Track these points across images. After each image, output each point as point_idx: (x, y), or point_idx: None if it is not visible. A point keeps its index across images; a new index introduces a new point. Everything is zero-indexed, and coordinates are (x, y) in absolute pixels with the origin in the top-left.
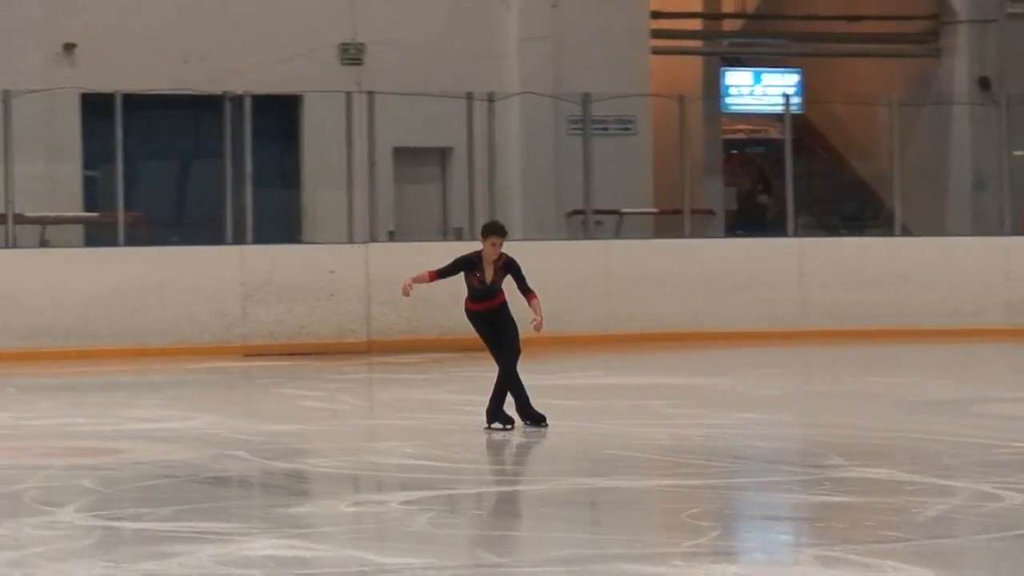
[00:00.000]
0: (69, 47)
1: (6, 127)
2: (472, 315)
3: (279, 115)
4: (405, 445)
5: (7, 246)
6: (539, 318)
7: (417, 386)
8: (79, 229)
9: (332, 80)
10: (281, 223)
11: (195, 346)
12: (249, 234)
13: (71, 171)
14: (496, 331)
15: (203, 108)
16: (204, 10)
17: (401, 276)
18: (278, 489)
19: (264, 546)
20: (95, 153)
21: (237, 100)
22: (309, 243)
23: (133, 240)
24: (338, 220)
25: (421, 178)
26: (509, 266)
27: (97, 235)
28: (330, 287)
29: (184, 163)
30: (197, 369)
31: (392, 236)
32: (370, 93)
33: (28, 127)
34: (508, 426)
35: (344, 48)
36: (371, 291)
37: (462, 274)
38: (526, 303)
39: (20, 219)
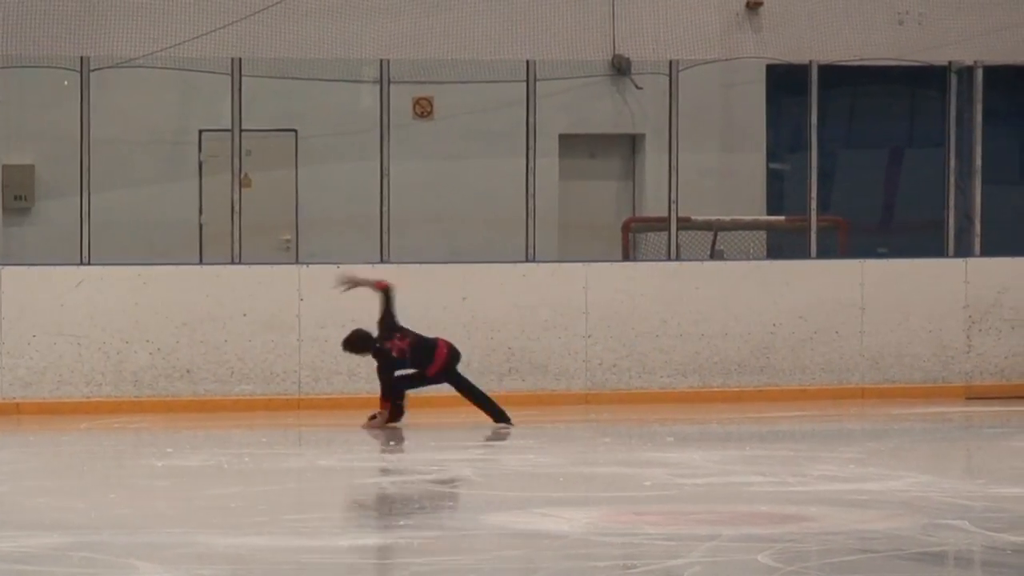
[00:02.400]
0: (753, 6)
1: (671, 105)
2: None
3: (1015, 91)
4: None
5: (670, 257)
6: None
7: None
8: (760, 236)
9: None
10: (1016, 229)
11: (902, 385)
12: (976, 244)
13: (752, 163)
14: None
15: (920, 83)
16: None
17: None
18: (1004, 569)
19: None
20: (782, 141)
21: (964, 72)
22: None
23: (827, 251)
24: None
25: None
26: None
27: (782, 244)
28: None
29: (895, 153)
30: (905, 415)
31: None
32: None
33: (698, 107)
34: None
35: None
36: None
37: None
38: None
39: (686, 224)
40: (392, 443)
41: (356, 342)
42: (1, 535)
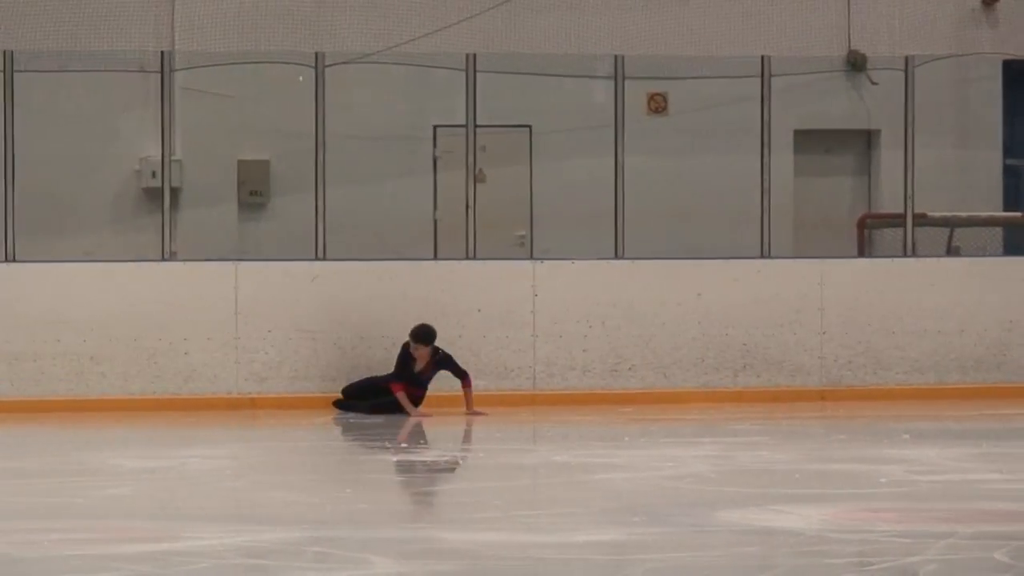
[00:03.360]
0: (990, 2)
1: (907, 101)
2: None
3: None
4: None
5: (906, 254)
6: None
7: None
8: (997, 233)
9: None
10: None
11: None
12: None
13: (989, 159)
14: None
15: None
16: None
17: None
18: None
19: None
20: (1019, 136)
21: None
22: None
23: None
24: None
25: None
26: (442, 362)
27: (1020, 240)
28: None
29: None
30: None
31: None
32: None
33: (933, 103)
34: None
35: None
36: None
37: None
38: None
39: (922, 220)
40: (627, 439)
41: (423, 333)
42: (237, 529)
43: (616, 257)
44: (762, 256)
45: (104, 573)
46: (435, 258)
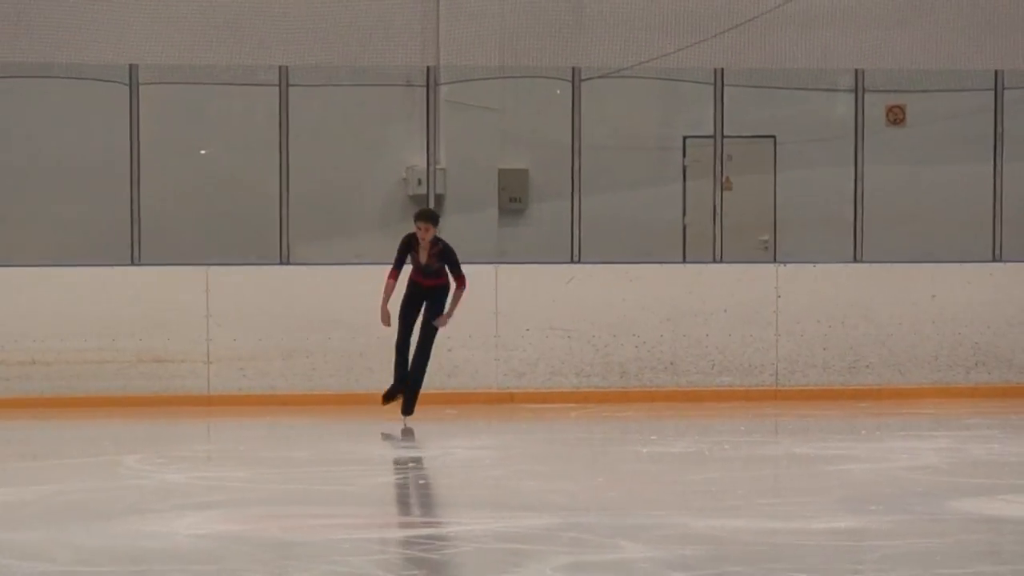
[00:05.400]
0: None
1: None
2: (413, 285)
3: None
4: None
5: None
6: (445, 316)
7: None
8: None
9: None
10: None
11: None
12: None
13: None
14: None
15: None
16: None
17: None
18: None
19: None
20: None
21: None
22: None
23: None
24: None
25: None
26: (444, 254)
27: None
28: None
29: None
30: None
31: None
32: None
33: None
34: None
35: None
36: None
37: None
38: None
39: None
40: (864, 432)
41: (429, 212)
42: (495, 515)
43: (855, 260)
44: (994, 260)
45: (372, 556)
46: (684, 261)
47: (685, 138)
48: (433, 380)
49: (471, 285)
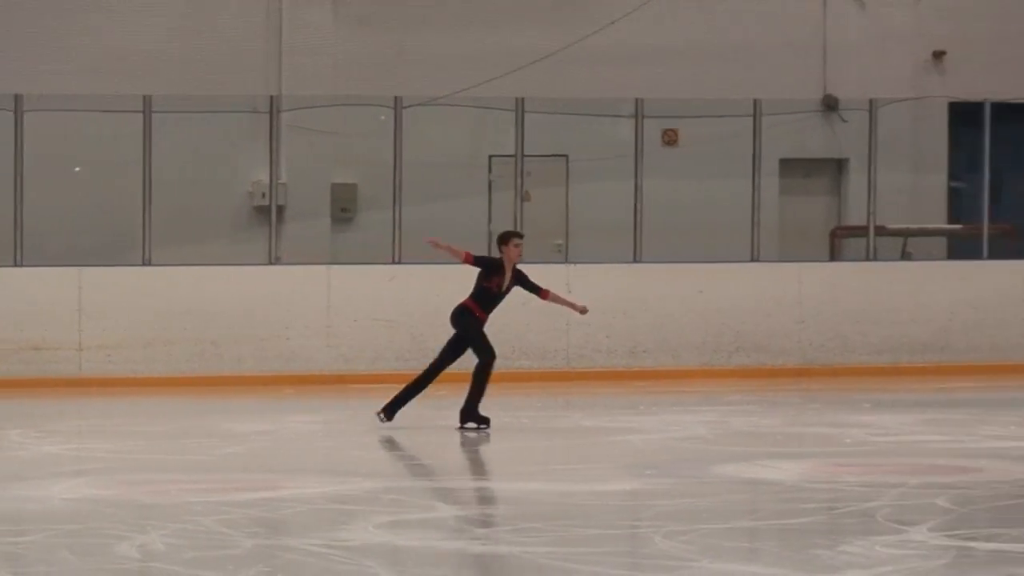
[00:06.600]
0: (938, 55)
1: (871, 135)
2: (475, 321)
3: None
4: None
5: (868, 258)
6: (580, 304)
7: None
8: (942, 241)
9: None
10: None
11: None
12: None
13: (936, 182)
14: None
15: None
16: None
17: None
18: None
19: None
20: (961, 163)
21: None
22: None
23: (998, 253)
24: None
25: None
26: (519, 274)
27: (960, 247)
28: None
29: None
30: None
31: None
32: None
33: (893, 137)
34: (483, 425)
35: None
36: None
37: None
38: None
39: (882, 231)
40: (642, 407)
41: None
42: (326, 480)
43: (635, 261)
44: (752, 260)
45: (220, 516)
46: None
47: (491, 156)
48: (272, 364)
49: (308, 282)
